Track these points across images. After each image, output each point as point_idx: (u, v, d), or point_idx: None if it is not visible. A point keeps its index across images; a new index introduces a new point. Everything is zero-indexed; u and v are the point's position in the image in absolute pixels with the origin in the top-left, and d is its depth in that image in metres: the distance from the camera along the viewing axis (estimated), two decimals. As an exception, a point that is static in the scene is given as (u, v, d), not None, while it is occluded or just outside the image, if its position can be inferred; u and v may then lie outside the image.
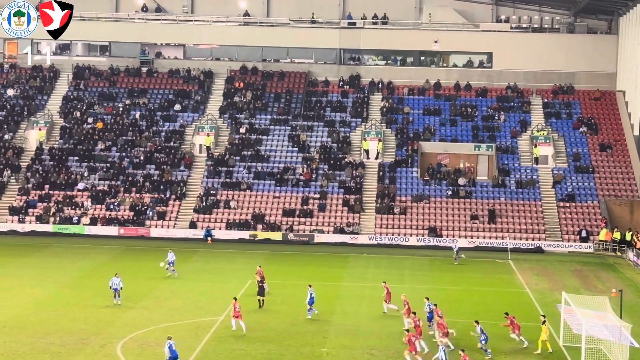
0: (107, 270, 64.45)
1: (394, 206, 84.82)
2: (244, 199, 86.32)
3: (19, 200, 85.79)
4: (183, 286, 60.17)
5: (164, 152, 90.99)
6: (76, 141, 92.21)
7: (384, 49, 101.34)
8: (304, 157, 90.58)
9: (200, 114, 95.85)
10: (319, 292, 60.33)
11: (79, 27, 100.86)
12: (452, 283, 65.72)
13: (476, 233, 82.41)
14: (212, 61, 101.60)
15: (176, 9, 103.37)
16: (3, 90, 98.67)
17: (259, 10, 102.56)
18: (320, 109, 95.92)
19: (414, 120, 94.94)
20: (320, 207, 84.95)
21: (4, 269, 66.16)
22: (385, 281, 56.44)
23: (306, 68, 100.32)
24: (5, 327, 49.08)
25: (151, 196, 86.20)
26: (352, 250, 78.03)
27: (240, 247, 78.40)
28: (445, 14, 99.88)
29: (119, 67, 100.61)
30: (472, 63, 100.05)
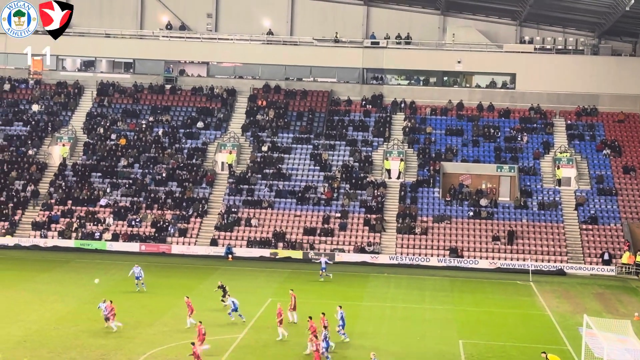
0: (128, 287, 64.66)
1: (415, 226, 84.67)
2: (265, 217, 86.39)
3: (42, 215, 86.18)
4: (203, 303, 60.17)
5: (186, 169, 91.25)
6: (99, 157, 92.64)
7: (407, 69, 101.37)
8: (326, 175, 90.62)
9: (222, 132, 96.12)
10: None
11: (104, 44, 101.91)
12: (473, 304, 65.46)
13: (497, 254, 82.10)
14: (235, 79, 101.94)
15: (200, 27, 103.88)
16: (28, 105, 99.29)
17: (282, 29, 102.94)
18: (343, 128, 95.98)
19: (436, 140, 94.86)
20: (341, 226, 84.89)
21: (26, 283, 66.41)
22: (292, 289, 57.58)
23: (329, 87, 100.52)
24: (27, 341, 49.26)
25: (173, 213, 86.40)
26: (373, 270, 77.85)
27: (260, 265, 78.38)
28: (468, 34, 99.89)
29: (142, 84, 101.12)
30: (495, 84, 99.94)
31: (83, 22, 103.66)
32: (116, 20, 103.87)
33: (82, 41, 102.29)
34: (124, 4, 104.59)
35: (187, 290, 64.19)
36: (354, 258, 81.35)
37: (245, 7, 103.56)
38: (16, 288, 64.50)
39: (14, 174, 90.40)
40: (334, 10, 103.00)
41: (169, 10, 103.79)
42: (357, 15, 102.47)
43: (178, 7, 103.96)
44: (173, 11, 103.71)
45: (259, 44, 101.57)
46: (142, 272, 64.53)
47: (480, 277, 76.72)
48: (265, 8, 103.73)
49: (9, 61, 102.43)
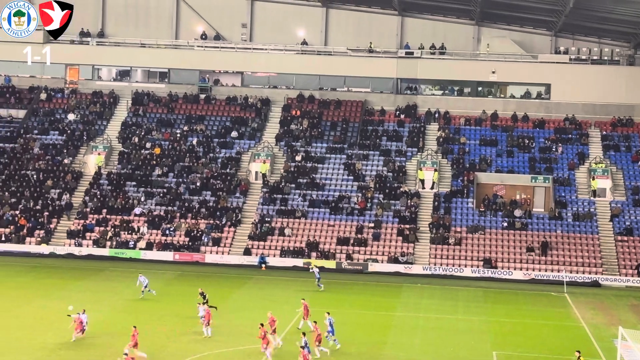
0: (161, 295, 64.94)
1: (448, 236, 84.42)
2: (299, 226, 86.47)
3: (77, 224, 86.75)
4: (236, 313, 60.31)
5: (220, 178, 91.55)
6: (134, 166, 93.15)
7: (441, 79, 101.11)
8: (359, 185, 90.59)
9: (256, 141, 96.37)
10: (372, 321, 60.32)
11: (139, 53, 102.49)
12: (507, 315, 65.15)
13: (532, 265, 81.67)
14: (269, 89, 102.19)
15: (235, 37, 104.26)
16: (64, 114, 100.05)
17: (316, 39, 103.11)
18: (376, 138, 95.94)
19: (470, 150, 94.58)
20: (374, 236, 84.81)
21: (60, 291, 66.85)
22: (304, 298, 57.49)
23: (363, 97, 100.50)
24: (61, 349, 49.59)
25: (207, 222, 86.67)
26: (406, 280, 77.68)
27: (294, 275, 78.41)
28: (503, 44, 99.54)
29: (177, 94, 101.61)
30: (530, 94, 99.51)
31: (119, 32, 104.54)
32: (151, 30, 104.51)
33: (118, 51, 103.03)
34: (159, 14, 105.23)
35: (220, 299, 64.37)
36: (387, 268, 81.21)
37: (280, 17, 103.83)
38: (51, 296, 64.95)
39: (49, 183, 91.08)
40: (368, 20, 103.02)
41: (204, 20, 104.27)
42: (391, 25, 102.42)
43: (213, 17, 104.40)
44: (208, 21, 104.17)
45: (293, 54, 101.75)
46: (146, 280, 65.03)
47: (514, 288, 76.34)
48: (299, 18, 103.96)
49: (45, 71, 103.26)
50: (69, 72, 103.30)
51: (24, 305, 61.26)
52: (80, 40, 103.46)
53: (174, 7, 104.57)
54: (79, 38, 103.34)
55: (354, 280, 76.87)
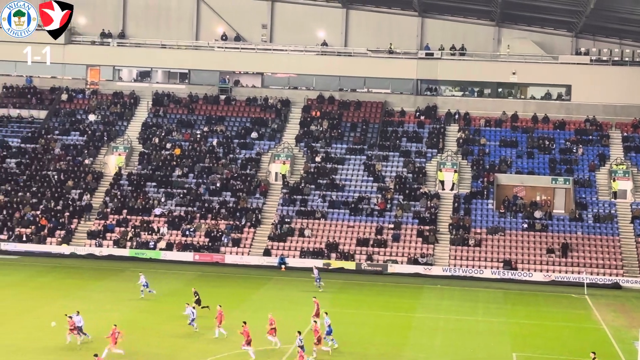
0: (181, 296, 65.03)
1: (468, 238, 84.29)
2: (319, 227, 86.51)
3: (97, 224, 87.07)
4: (255, 313, 60.37)
5: (240, 179, 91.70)
6: (154, 167, 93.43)
7: (461, 80, 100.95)
8: (379, 186, 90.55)
9: (276, 142, 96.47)
10: (392, 323, 60.28)
11: (160, 54, 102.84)
12: (527, 317, 64.98)
13: (552, 267, 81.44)
14: (289, 90, 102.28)
15: (255, 38, 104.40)
16: (85, 115, 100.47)
17: (337, 40, 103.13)
18: (396, 139, 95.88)
19: (490, 151, 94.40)
20: (394, 237, 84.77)
21: (81, 292, 67.12)
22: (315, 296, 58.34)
23: (383, 98, 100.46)
24: (82, 349, 49.78)
25: (226, 223, 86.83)
26: (426, 282, 77.61)
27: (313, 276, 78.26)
28: (523, 45, 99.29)
29: (197, 95, 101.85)
30: (551, 95, 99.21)
31: (139, 33, 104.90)
32: (172, 31, 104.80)
33: (138, 52, 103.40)
34: (179, 15, 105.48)
35: (240, 300, 64.56)
36: (407, 269, 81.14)
37: (300, 18, 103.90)
38: (72, 296, 65.20)
39: (70, 183, 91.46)
40: (388, 21, 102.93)
41: (224, 21, 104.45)
42: (411, 26, 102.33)
43: (233, 18, 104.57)
44: (228, 22, 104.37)
45: (314, 54, 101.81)
46: (146, 280, 65.35)
47: (534, 289, 76.15)
48: (319, 19, 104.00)
49: (66, 71, 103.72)
50: (89, 73, 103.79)
51: (44, 306, 61.54)
52: (101, 41, 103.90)
53: (195, 8, 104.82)
54: (100, 39, 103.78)
55: (373, 282, 76.84)
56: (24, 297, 64.24)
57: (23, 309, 59.83)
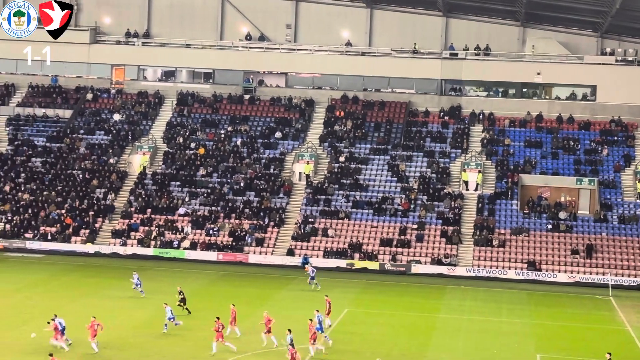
0: (205, 295, 65.29)
1: (492, 238, 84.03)
2: (342, 227, 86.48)
3: (122, 223, 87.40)
4: (278, 313, 60.38)
5: (263, 179, 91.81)
6: (178, 166, 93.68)
7: (486, 80, 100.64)
8: (403, 187, 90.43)
9: (300, 142, 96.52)
10: (415, 323, 60.23)
11: (184, 54, 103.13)
12: (551, 318, 64.77)
13: (576, 268, 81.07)
14: (313, 90, 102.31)
15: (279, 37, 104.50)
16: (109, 115, 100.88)
17: (361, 40, 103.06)
18: (420, 139, 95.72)
19: (515, 152, 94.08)
20: (418, 237, 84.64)
21: (105, 290, 67.40)
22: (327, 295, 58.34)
23: (407, 98, 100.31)
24: (106, 347, 49.96)
25: (250, 222, 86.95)
26: (449, 282, 77.47)
27: (337, 276, 78.43)
28: (548, 45, 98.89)
29: (222, 94, 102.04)
30: (576, 96, 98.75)
31: (164, 32, 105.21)
32: (196, 31, 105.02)
33: (163, 51, 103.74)
34: (204, 15, 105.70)
35: (263, 299, 64.60)
36: (431, 270, 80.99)
37: (324, 18, 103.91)
38: (96, 295, 65.51)
39: (95, 182, 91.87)
40: (412, 21, 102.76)
41: (248, 21, 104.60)
42: (435, 26, 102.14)
43: (257, 18, 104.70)
44: (253, 22, 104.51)
45: (338, 54, 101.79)
46: (139, 280, 65.49)
47: (558, 290, 75.87)
48: (344, 19, 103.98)
49: (91, 71, 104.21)
50: (114, 73, 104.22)
51: (69, 304, 61.85)
52: (126, 41, 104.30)
53: (219, 8, 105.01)
54: (125, 39, 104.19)
55: (397, 282, 76.77)
56: (49, 296, 64.59)
57: (48, 308, 60.03)
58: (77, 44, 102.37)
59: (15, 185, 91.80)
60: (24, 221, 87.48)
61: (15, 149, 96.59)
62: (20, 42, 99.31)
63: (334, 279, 76.72)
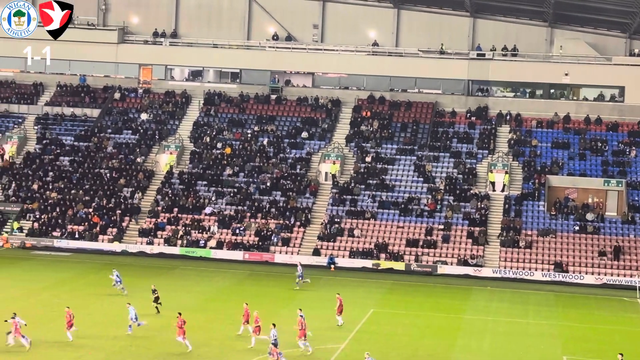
0: (230, 294, 65.49)
1: (519, 239, 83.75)
2: (368, 227, 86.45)
3: (149, 222, 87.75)
4: (304, 313, 60.42)
5: (290, 178, 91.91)
6: (205, 166, 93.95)
7: (513, 81, 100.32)
8: (429, 187, 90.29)
9: (326, 142, 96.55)
10: (441, 324, 60.14)
11: (211, 54, 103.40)
12: (578, 320, 64.52)
13: (604, 270, 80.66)
14: (340, 90, 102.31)
15: (306, 37, 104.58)
16: (137, 114, 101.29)
17: (388, 40, 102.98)
18: (447, 140, 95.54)
19: (542, 153, 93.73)
20: (444, 238, 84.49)
21: (132, 289, 67.60)
22: (339, 293, 58.47)
23: (433, 98, 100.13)
24: (132, 346, 50.27)
25: (276, 222, 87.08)
26: (475, 283, 77.27)
27: (362, 276, 78.42)
28: (576, 46, 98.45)
29: (248, 94, 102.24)
30: (604, 97, 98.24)
31: (191, 32, 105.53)
32: (224, 31, 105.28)
33: (190, 51, 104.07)
34: (231, 15, 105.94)
35: (288, 299, 64.65)
36: (457, 271, 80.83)
37: (351, 19, 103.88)
38: (123, 294, 65.70)
39: (122, 181, 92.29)
40: (439, 21, 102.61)
41: (275, 21, 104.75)
42: (463, 26, 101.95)
43: (285, 18, 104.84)
44: (279, 22, 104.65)
45: (364, 55, 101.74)
46: (119, 277, 65.43)
47: (585, 292, 75.54)
48: (370, 19, 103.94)
49: (119, 70, 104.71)
50: (142, 72, 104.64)
51: (96, 302, 62.19)
52: (153, 41, 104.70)
53: (246, 8, 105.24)
54: (152, 38, 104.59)
55: (422, 282, 76.68)
56: (76, 294, 64.91)
57: (75, 306, 60.13)
58: (106, 43, 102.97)
59: (44, 184, 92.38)
60: (52, 219, 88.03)
61: (43, 147, 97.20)
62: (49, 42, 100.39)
63: (360, 279, 76.74)
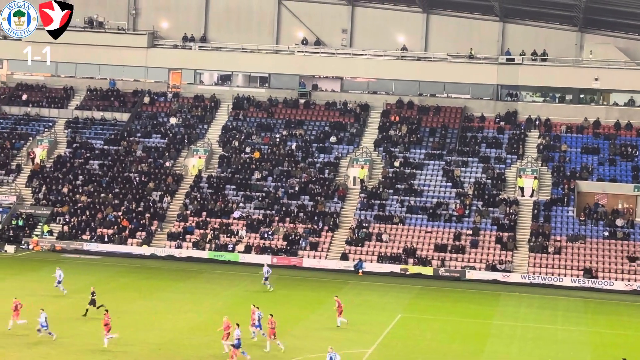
0: (258, 298, 65.43)
1: (548, 245, 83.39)
2: (396, 232, 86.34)
3: (177, 226, 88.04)
4: (332, 317, 60.47)
5: (318, 183, 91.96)
6: (233, 170, 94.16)
7: (543, 86, 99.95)
8: (458, 192, 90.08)
9: (355, 147, 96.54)
10: (469, 330, 59.99)
11: (240, 58, 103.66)
12: (607, 327, 64.16)
13: (634, 276, 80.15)
14: (368, 94, 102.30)
15: (335, 42, 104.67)
16: (166, 118, 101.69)
17: (416, 44, 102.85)
18: (476, 145, 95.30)
19: (571, 158, 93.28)
20: (472, 243, 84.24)
21: (161, 292, 67.98)
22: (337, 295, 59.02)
23: (462, 103, 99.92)
24: (161, 349, 50.42)
25: (304, 226, 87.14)
26: (504, 289, 76.92)
27: (390, 281, 78.31)
28: (607, 51, 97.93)
29: (277, 98, 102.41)
30: (634, 102, 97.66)
31: (220, 37, 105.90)
32: (253, 35, 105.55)
33: (219, 56, 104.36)
34: (260, 19, 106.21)
35: (316, 304, 64.68)
36: (485, 276, 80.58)
37: (380, 23, 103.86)
38: (152, 297, 66.09)
39: (151, 185, 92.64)
40: (468, 26, 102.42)
41: (304, 26, 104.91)
42: (492, 31, 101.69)
43: (313, 22, 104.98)
44: (308, 27, 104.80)
45: (393, 59, 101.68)
46: (61, 276, 64.92)
47: (615, 298, 75.10)
48: (399, 24, 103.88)
49: (149, 75, 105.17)
50: (171, 76, 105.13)
51: (125, 305, 62.39)
52: (183, 45, 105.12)
53: (275, 13, 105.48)
54: (182, 43, 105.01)
55: (451, 288, 76.52)
56: (106, 297, 64.99)
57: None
58: (135, 47, 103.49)
59: (74, 187, 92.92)
60: (82, 223, 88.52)
61: (73, 151, 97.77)
62: (80, 46, 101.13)
63: (388, 284, 76.64)
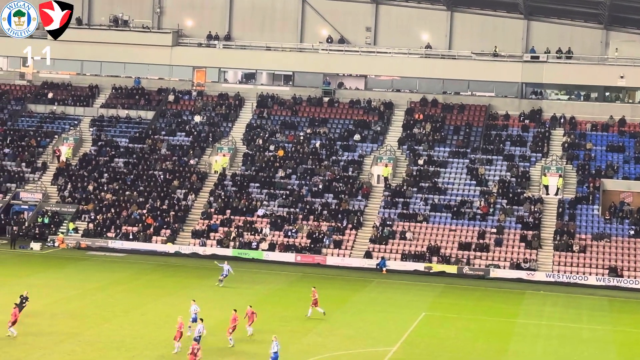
0: (283, 296, 65.68)
1: (573, 244, 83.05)
2: (420, 230, 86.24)
3: (202, 224, 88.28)
4: (356, 315, 60.51)
5: (342, 181, 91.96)
6: (257, 168, 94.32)
7: (568, 84, 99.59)
8: (482, 190, 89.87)
9: (379, 145, 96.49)
10: (493, 328, 59.85)
11: (264, 56, 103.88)
12: (633, 325, 63.82)
13: (659, 275, 79.84)
14: (392, 92, 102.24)
15: (359, 40, 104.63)
16: (190, 116, 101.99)
17: (440, 42, 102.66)
18: (500, 143, 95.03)
19: (597, 156, 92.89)
20: (496, 241, 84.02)
21: (185, 290, 68.08)
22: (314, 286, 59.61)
23: (487, 101, 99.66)
24: (183, 347, 50.47)
25: (328, 224, 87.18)
26: (529, 287, 76.71)
27: (414, 279, 78.24)
28: (632, 49, 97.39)
29: (301, 97, 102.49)
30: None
31: (245, 35, 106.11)
32: (277, 33, 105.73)
33: (244, 54, 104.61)
34: (285, 17, 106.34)
35: (340, 302, 64.69)
36: (510, 274, 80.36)
37: (404, 21, 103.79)
38: (176, 294, 66.23)
39: (175, 183, 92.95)
40: (493, 23, 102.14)
41: (328, 24, 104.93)
42: (516, 28, 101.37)
43: (338, 20, 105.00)
44: (333, 25, 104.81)
45: (417, 57, 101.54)
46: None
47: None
48: (424, 22, 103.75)
49: (173, 73, 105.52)
50: (196, 75, 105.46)
51: (150, 303, 62.69)
52: (207, 44, 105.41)
53: (299, 11, 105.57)
54: (206, 41, 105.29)
55: (475, 286, 76.36)
56: (131, 295, 65.54)
57: (129, 306, 61.04)
58: (160, 46, 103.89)
59: (99, 185, 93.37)
60: (107, 220, 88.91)
61: (98, 149, 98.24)
62: (106, 44, 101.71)
63: (412, 282, 76.59)
